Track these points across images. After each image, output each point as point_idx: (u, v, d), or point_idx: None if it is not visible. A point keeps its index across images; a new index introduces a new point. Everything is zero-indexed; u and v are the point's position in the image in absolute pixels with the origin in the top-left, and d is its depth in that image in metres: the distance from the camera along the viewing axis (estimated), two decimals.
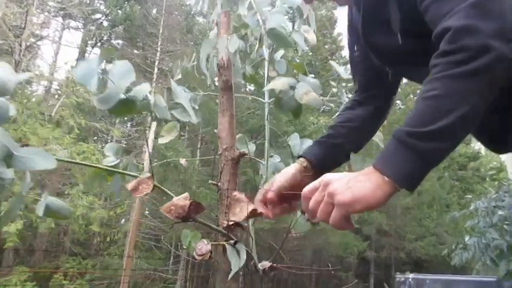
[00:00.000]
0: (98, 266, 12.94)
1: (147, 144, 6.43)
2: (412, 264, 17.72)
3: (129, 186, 0.82)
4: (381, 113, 1.05)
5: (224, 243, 0.80)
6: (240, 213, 0.79)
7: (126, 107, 0.88)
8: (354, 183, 0.63)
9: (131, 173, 0.91)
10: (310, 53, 19.41)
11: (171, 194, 0.83)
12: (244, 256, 0.75)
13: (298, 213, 0.90)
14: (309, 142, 1.20)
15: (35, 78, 14.19)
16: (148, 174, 0.83)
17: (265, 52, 1.29)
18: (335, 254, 15.50)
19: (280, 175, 0.89)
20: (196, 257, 0.89)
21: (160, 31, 16.17)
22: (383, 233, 17.42)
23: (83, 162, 0.99)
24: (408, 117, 0.63)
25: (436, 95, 0.60)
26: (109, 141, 16.43)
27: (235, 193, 0.84)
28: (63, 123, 12.27)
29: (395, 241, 17.43)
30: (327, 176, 0.67)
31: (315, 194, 0.68)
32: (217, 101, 1.10)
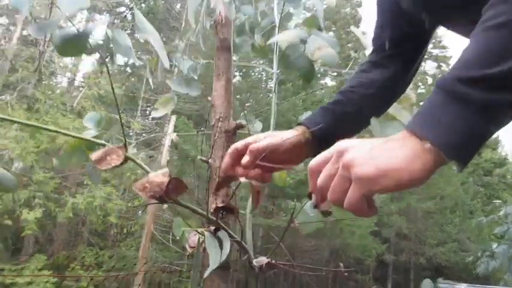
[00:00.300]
0: (115, 257, 13.04)
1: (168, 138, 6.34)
2: (432, 270, 17.28)
3: (94, 156, 0.68)
4: (403, 77, 0.86)
5: (203, 229, 0.64)
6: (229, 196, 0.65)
7: (76, 44, 0.74)
8: (379, 151, 0.46)
9: (132, 157, 0.77)
10: None
11: (148, 169, 0.68)
12: (227, 248, 0.59)
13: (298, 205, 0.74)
14: None
15: (59, 69, 14.39)
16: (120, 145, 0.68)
17: (276, 19, 1.13)
18: (353, 255, 15.21)
19: (271, 136, 0.70)
20: (188, 249, 0.74)
21: (183, 25, 16.16)
22: (402, 236, 17.04)
23: (50, 128, 0.85)
24: (459, 59, 0.45)
25: (509, 21, 0.42)
26: (130, 134, 16.56)
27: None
28: (84, 114, 12.42)
29: (415, 245, 17.03)
30: (343, 143, 0.50)
31: (326, 167, 0.51)
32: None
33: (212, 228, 0.64)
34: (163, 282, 11.40)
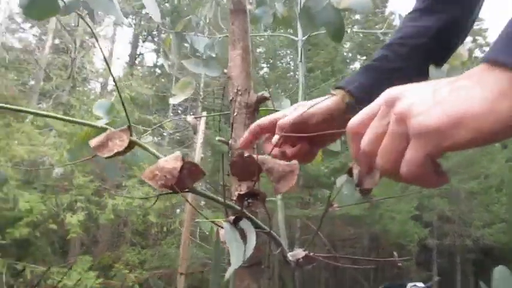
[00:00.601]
0: (157, 255, 13.30)
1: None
2: (478, 252, 16.66)
3: (94, 142, 0.59)
4: (461, 24, 0.70)
5: (222, 220, 0.54)
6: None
7: (45, 4, 0.66)
8: (447, 93, 0.34)
9: (139, 142, 0.69)
10: (361, 35, 18.62)
11: (158, 154, 0.59)
12: (252, 241, 0.48)
13: (341, 181, 0.63)
14: None
15: (91, 75, 14.74)
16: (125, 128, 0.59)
17: None
18: (394, 241, 14.84)
19: (302, 106, 0.60)
20: (222, 244, 0.65)
21: (207, 21, 16.14)
22: (445, 219, 16.50)
23: (58, 116, 0.78)
24: None
25: None
26: (163, 134, 16.82)
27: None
28: (118, 118, 12.68)
29: (460, 228, 16.43)
30: (392, 90, 0.39)
31: (372, 124, 0.40)
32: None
33: (232, 217, 0.53)
34: (204, 278, 11.51)
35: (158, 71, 18.48)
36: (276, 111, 0.66)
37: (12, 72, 13.12)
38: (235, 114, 0.68)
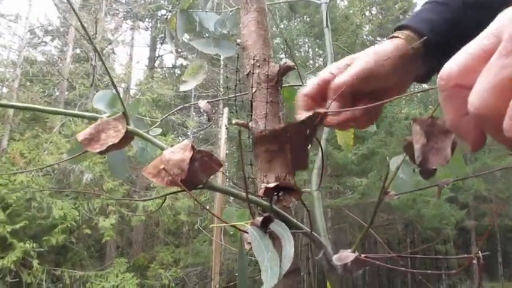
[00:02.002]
0: (190, 253, 13.43)
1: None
2: None
3: (81, 135, 0.49)
4: None
5: (245, 224, 0.43)
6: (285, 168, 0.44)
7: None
8: None
9: (141, 133, 0.57)
10: (380, 16, 18.16)
11: (162, 145, 0.49)
12: (290, 250, 0.36)
13: (396, 162, 0.50)
14: None
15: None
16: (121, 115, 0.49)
17: None
18: (429, 226, 14.45)
19: (358, 58, 0.47)
20: (246, 246, 0.54)
21: None
22: (482, 199, 15.96)
23: (54, 109, 0.69)
24: None
25: None
26: (187, 133, 16.93)
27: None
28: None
29: (498, 207, 15.87)
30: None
31: (490, 67, 0.25)
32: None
33: (259, 219, 0.41)
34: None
35: (178, 71, 18.59)
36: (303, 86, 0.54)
37: (37, 85, 13.44)
38: (254, 90, 0.56)
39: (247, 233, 0.39)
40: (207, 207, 13.37)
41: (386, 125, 11.61)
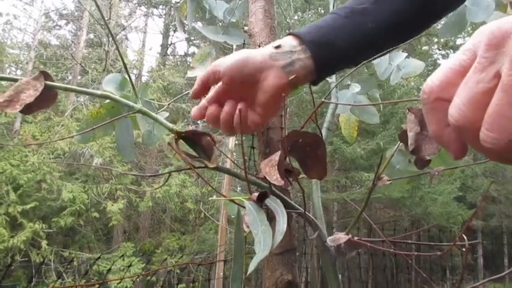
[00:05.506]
0: (196, 240, 13.56)
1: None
2: None
3: (0, 97, 0.48)
4: None
5: (242, 198, 0.45)
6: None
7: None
8: None
9: (149, 112, 0.58)
10: None
11: (168, 124, 0.50)
12: (283, 223, 0.38)
13: (390, 152, 0.52)
14: (415, 62, 0.81)
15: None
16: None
17: None
18: (436, 224, 14.40)
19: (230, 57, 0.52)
20: (245, 229, 0.57)
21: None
22: (491, 199, 15.84)
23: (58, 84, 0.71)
24: None
25: None
26: (198, 121, 16.98)
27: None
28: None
29: (507, 208, 15.75)
30: (498, 23, 0.26)
31: (468, 80, 0.27)
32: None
33: (256, 194, 0.43)
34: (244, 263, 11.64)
35: (190, 59, 18.60)
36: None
37: (51, 68, 13.56)
38: None
39: (245, 209, 0.41)
40: (214, 195, 13.46)
41: (397, 120, 11.53)
